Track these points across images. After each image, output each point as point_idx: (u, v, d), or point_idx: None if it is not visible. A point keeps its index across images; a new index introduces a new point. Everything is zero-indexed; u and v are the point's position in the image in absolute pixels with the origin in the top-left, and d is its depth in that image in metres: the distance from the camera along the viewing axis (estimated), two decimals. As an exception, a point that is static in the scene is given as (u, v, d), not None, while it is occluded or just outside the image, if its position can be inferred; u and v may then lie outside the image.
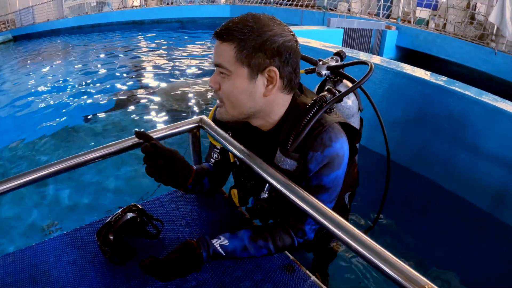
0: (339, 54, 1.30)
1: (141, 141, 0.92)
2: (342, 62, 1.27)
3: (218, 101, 0.93)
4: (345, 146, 0.89)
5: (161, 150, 0.87)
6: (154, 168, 0.86)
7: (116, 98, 4.41)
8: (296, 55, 0.87)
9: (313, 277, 0.87)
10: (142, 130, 0.90)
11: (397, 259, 0.62)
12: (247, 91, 0.86)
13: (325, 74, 1.24)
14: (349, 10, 9.05)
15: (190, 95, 4.50)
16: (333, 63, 1.25)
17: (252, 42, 0.82)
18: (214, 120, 1.09)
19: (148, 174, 0.87)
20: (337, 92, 0.92)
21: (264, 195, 0.97)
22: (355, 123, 1.31)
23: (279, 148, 0.91)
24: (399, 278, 0.59)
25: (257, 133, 0.97)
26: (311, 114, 0.87)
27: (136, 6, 12.19)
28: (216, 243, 0.86)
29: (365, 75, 1.01)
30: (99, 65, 6.17)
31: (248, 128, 0.99)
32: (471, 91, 2.15)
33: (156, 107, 4.12)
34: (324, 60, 1.26)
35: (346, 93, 0.95)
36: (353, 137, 0.97)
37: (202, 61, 6.44)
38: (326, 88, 0.93)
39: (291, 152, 0.88)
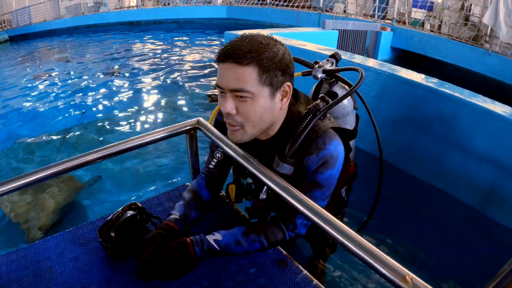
0: (334, 56, 1.36)
1: (139, 142, 0.94)
2: (337, 66, 1.34)
3: (231, 126, 0.90)
4: (339, 147, 0.95)
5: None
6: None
7: (112, 99, 4.43)
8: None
9: (305, 271, 0.91)
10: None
11: (380, 251, 0.66)
12: (269, 109, 0.89)
13: (321, 77, 1.31)
14: (344, 11, 9.10)
15: (188, 96, 4.52)
16: (328, 66, 1.31)
17: (271, 62, 0.84)
18: (216, 126, 1.13)
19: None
20: (330, 100, 0.98)
21: (263, 195, 1.04)
22: (351, 120, 1.38)
23: (277, 155, 0.97)
24: (381, 269, 0.64)
25: (256, 142, 1.02)
26: (305, 123, 0.93)
27: (133, 7, 12.18)
28: (210, 238, 0.91)
29: (357, 82, 1.10)
30: (95, 66, 6.18)
31: None
32: (461, 93, 2.20)
33: (153, 108, 4.14)
34: (320, 63, 1.32)
35: (339, 101, 1.02)
36: (347, 137, 1.02)
37: (199, 62, 6.46)
38: (320, 96, 0.99)
39: (288, 158, 0.95)
